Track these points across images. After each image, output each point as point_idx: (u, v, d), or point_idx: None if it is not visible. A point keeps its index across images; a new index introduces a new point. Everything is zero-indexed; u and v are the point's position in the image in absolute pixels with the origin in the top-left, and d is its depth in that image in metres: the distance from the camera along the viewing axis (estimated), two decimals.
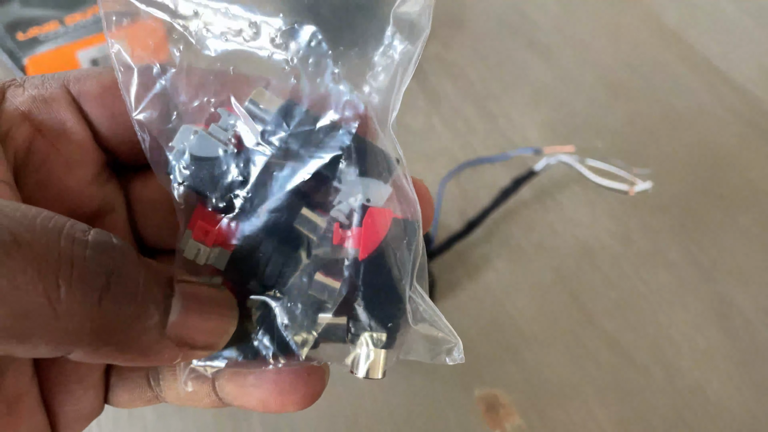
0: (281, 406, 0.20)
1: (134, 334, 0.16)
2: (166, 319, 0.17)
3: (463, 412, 0.39)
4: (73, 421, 0.21)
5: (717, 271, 0.45)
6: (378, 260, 0.18)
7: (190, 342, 0.17)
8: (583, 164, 0.46)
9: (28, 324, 0.15)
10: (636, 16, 0.64)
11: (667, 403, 0.39)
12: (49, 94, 0.19)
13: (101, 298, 0.15)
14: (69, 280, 0.15)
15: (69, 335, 0.15)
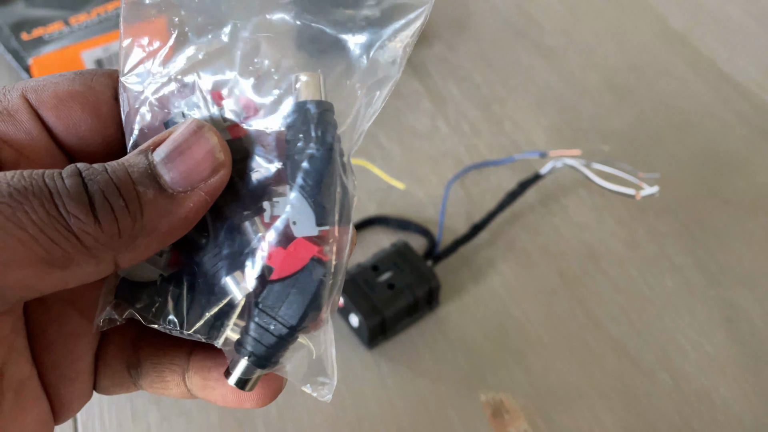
0: (239, 401, 0.21)
1: (149, 217, 0.17)
2: (161, 186, 0.18)
3: (468, 416, 0.39)
4: (68, 404, 0.21)
5: (724, 276, 0.45)
6: (284, 289, 0.19)
7: (197, 179, 0.18)
8: (589, 168, 0.46)
9: (63, 250, 0.16)
10: (642, 19, 0.64)
11: (673, 409, 0.39)
12: (11, 106, 0.20)
13: (94, 210, 0.17)
14: (64, 205, 0.17)
15: (100, 248, 0.17)
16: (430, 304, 0.42)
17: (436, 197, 0.49)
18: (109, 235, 0.17)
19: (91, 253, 0.17)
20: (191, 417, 0.38)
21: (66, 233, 0.17)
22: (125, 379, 0.22)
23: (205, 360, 0.21)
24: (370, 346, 0.41)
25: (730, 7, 0.65)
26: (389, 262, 0.42)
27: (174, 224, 0.18)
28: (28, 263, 0.16)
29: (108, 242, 0.17)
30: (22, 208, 0.16)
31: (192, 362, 0.21)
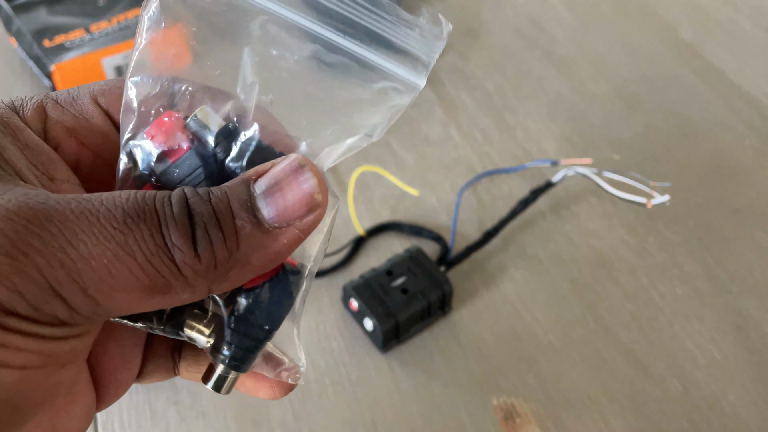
0: (254, 390, 0.22)
1: (243, 251, 0.18)
2: (259, 219, 0.18)
3: (480, 420, 0.39)
4: (113, 392, 0.22)
5: (733, 285, 0.46)
6: (255, 300, 0.20)
7: (293, 217, 0.18)
8: (600, 176, 0.46)
9: (164, 278, 0.17)
10: (652, 30, 0.65)
11: (683, 415, 0.40)
12: (86, 110, 0.20)
13: (195, 243, 0.17)
14: (170, 234, 0.17)
15: (197, 278, 0.17)
16: (443, 309, 0.43)
17: (448, 204, 0.50)
18: (206, 267, 0.17)
19: (188, 283, 0.18)
20: (208, 418, 0.39)
21: (169, 264, 0.17)
22: (168, 364, 0.23)
23: None
24: (384, 349, 0.42)
25: (740, 19, 0.66)
26: (403, 267, 0.43)
27: (267, 258, 0.18)
28: (133, 289, 0.17)
29: (204, 273, 0.18)
30: (134, 237, 0.17)
31: None
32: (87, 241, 0.16)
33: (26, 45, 0.56)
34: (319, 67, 0.20)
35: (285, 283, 0.20)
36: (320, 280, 0.45)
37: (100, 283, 0.16)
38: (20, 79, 0.59)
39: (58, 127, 0.20)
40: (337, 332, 0.43)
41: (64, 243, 0.16)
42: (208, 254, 0.17)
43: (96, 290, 0.16)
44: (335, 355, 0.42)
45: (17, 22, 0.56)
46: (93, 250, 0.16)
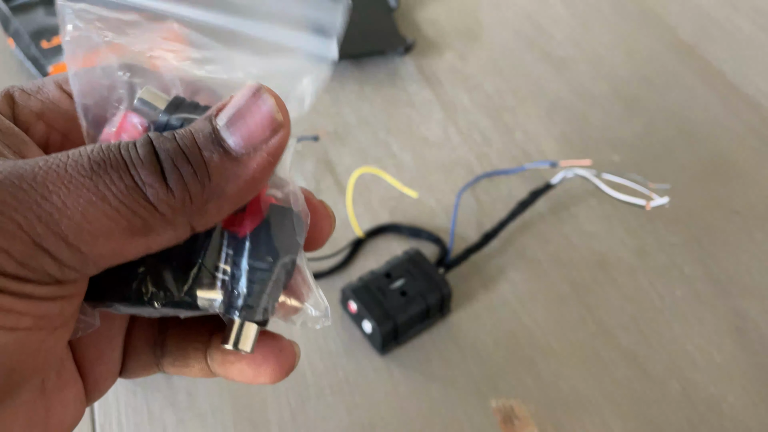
0: (255, 377, 0.22)
1: (217, 181, 0.18)
2: (226, 149, 0.18)
3: (479, 422, 0.39)
4: (99, 384, 0.22)
5: (733, 286, 0.46)
6: (255, 239, 0.20)
7: (258, 141, 0.19)
8: (599, 178, 0.46)
9: (143, 219, 0.17)
10: (652, 31, 0.65)
11: (682, 417, 0.40)
12: (52, 95, 0.21)
13: (165, 177, 0.18)
14: (139, 175, 0.18)
15: (175, 214, 0.18)
16: (442, 311, 0.43)
17: (447, 205, 0.50)
18: (181, 201, 0.18)
19: (167, 220, 0.18)
20: (206, 419, 0.39)
21: (143, 202, 0.17)
22: (150, 359, 0.23)
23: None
24: (382, 352, 0.41)
25: (739, 20, 0.66)
26: (402, 269, 0.43)
27: (241, 187, 0.19)
28: (113, 233, 0.17)
29: (181, 208, 0.18)
30: (103, 182, 0.17)
31: (213, 340, 0.22)
32: (59, 192, 0.17)
33: (24, 46, 0.56)
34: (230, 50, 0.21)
35: (276, 217, 0.20)
36: (319, 282, 0.45)
37: (80, 231, 0.17)
38: (17, 80, 0.58)
39: (26, 111, 0.21)
40: (335, 334, 0.43)
41: (38, 198, 0.17)
42: (180, 187, 0.18)
43: (77, 239, 0.17)
44: (333, 358, 0.42)
45: (15, 22, 0.56)
46: (66, 200, 0.17)
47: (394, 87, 0.59)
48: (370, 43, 0.60)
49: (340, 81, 0.59)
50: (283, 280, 0.21)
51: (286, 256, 0.20)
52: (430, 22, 0.65)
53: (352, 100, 0.57)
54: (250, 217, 0.20)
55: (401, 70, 0.60)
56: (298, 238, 0.21)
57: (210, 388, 0.40)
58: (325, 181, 0.51)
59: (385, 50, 0.59)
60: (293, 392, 0.40)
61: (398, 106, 0.57)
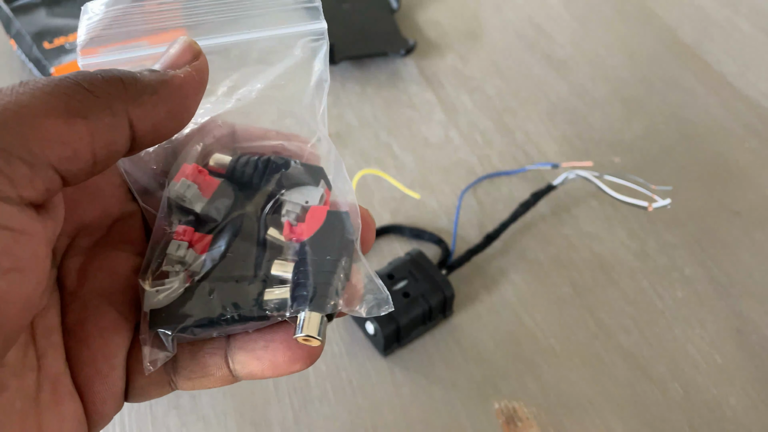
0: (289, 365, 0.22)
1: (139, 76, 0.20)
2: (152, 69, 0.21)
3: (482, 424, 0.39)
4: (101, 406, 0.22)
5: (734, 288, 0.46)
6: (316, 242, 0.22)
7: (179, 61, 0.22)
8: (601, 180, 0.46)
9: (74, 100, 0.19)
10: (652, 32, 0.65)
11: (684, 419, 0.40)
12: None
13: (101, 74, 0.20)
14: (84, 80, 0.20)
15: (110, 99, 0.20)
16: (444, 312, 0.43)
17: (449, 206, 0.50)
18: (115, 85, 0.20)
19: (102, 102, 0.19)
20: (209, 422, 0.39)
21: (80, 89, 0.19)
22: (161, 377, 0.23)
23: (247, 335, 0.22)
24: (385, 353, 0.42)
25: (739, 21, 0.66)
26: (404, 270, 0.43)
27: (173, 90, 0.21)
28: (52, 114, 0.18)
29: (115, 92, 0.20)
30: (47, 82, 0.19)
31: (233, 341, 0.22)
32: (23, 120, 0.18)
33: (26, 47, 0.56)
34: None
35: (333, 221, 0.23)
36: None
37: (20, 116, 0.18)
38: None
39: None
40: (337, 336, 0.43)
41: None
42: (114, 76, 0.20)
43: (18, 123, 0.18)
44: (336, 359, 0.42)
45: (17, 24, 0.56)
46: (10, 99, 0.18)
47: (396, 88, 0.59)
48: (371, 44, 0.60)
49: (342, 82, 0.59)
50: (345, 274, 0.22)
51: (345, 253, 0.22)
52: (431, 24, 0.65)
53: (354, 101, 0.58)
54: (309, 224, 0.23)
55: (402, 71, 0.60)
56: (353, 236, 0.23)
57: (213, 392, 0.40)
58: None
59: (387, 52, 0.59)
60: (296, 394, 0.40)
61: (399, 108, 0.57)
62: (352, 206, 0.23)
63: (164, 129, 0.21)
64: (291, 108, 0.24)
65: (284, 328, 0.22)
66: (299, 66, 0.24)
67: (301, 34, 0.24)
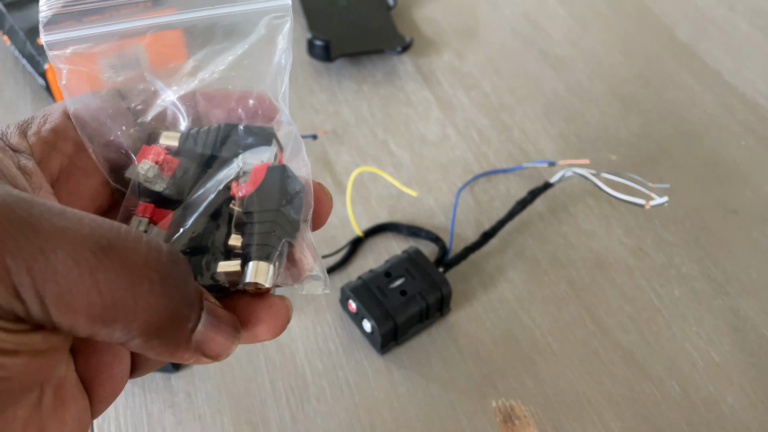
0: (254, 336, 0.23)
1: (176, 335, 0.20)
2: (195, 328, 0.20)
3: (479, 422, 0.39)
4: (109, 392, 0.22)
5: (731, 285, 0.46)
6: (258, 197, 0.23)
7: (204, 350, 0.21)
8: (598, 178, 0.46)
9: (114, 314, 0.18)
10: (648, 30, 0.65)
11: (681, 417, 0.40)
12: (60, 126, 0.23)
13: (170, 296, 0.19)
14: (150, 278, 0.18)
15: (139, 326, 0.18)
16: (441, 310, 0.43)
17: (446, 204, 0.50)
18: (159, 316, 0.19)
19: (130, 325, 0.18)
20: (205, 420, 0.39)
21: (129, 300, 0.18)
22: None
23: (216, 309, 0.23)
24: (382, 351, 0.41)
25: (736, 19, 0.66)
26: (401, 268, 0.43)
27: (165, 355, 0.20)
28: (81, 312, 0.18)
29: (148, 322, 0.19)
30: (107, 266, 0.18)
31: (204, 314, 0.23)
32: (59, 254, 0.17)
33: (19, 43, 0.55)
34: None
35: (272, 175, 0.23)
36: None
37: (58, 299, 0.17)
38: (13, 78, 0.58)
39: (41, 143, 0.23)
40: (334, 334, 0.43)
41: (37, 251, 0.17)
42: (172, 309, 0.19)
43: (52, 304, 0.17)
44: (333, 358, 0.42)
45: (10, 20, 0.56)
46: (62, 266, 0.17)
47: (393, 86, 0.58)
48: (368, 41, 0.60)
49: (338, 79, 0.59)
50: (289, 221, 0.23)
51: (285, 202, 0.23)
52: (428, 21, 0.65)
53: (350, 99, 0.57)
54: (252, 182, 0.23)
55: (399, 69, 0.60)
56: (298, 186, 0.23)
57: (209, 390, 0.40)
58: (323, 179, 0.51)
59: (383, 49, 0.59)
60: (293, 393, 0.40)
61: (396, 105, 0.57)
62: (306, 183, 0.24)
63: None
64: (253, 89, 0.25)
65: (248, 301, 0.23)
66: (262, 43, 0.24)
67: (266, 10, 0.24)
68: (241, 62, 0.24)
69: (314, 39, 0.58)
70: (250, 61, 0.24)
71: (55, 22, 0.23)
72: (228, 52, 0.24)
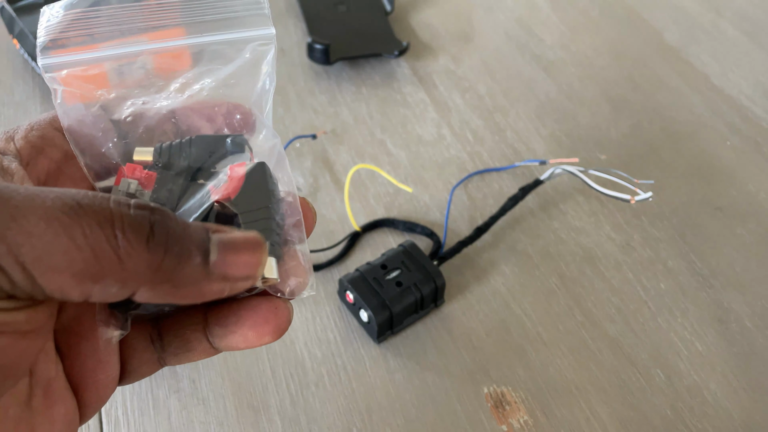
0: (258, 337, 0.23)
1: (184, 274, 0.20)
2: (207, 260, 0.20)
3: (471, 408, 0.41)
4: (94, 396, 0.23)
5: (715, 279, 0.47)
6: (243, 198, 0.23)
7: (231, 275, 0.21)
8: (586, 174, 0.48)
9: (100, 267, 0.18)
10: (638, 35, 0.67)
11: (666, 404, 0.41)
12: (49, 133, 0.24)
13: (148, 242, 0.19)
14: (122, 229, 0.18)
15: (132, 275, 0.19)
16: (436, 301, 0.45)
17: (441, 201, 0.51)
18: (149, 264, 0.19)
19: (122, 275, 0.19)
20: (209, 405, 0.40)
21: (110, 252, 0.18)
22: (151, 356, 0.24)
23: (221, 310, 0.24)
24: (378, 340, 0.43)
25: (723, 24, 0.68)
26: (397, 261, 0.44)
27: (191, 294, 0.20)
28: (65, 270, 0.18)
29: (143, 271, 0.19)
30: (80, 223, 0.18)
31: (209, 316, 0.24)
32: (30, 219, 0.18)
33: (29, 47, 0.57)
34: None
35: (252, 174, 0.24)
36: (317, 274, 0.47)
37: (38, 261, 0.17)
38: (23, 80, 0.60)
39: (28, 148, 0.23)
40: (333, 324, 0.44)
41: (8, 219, 0.17)
42: (157, 253, 0.19)
43: (33, 267, 0.18)
44: (331, 346, 0.43)
45: (20, 24, 0.57)
46: (34, 228, 0.17)
47: (390, 88, 0.60)
48: (366, 45, 0.62)
49: (338, 82, 0.61)
50: (280, 219, 0.23)
51: (272, 198, 0.23)
52: (424, 26, 0.67)
53: (349, 100, 0.59)
54: (231, 183, 0.23)
55: (396, 71, 0.62)
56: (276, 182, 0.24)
57: (212, 376, 0.42)
58: (323, 177, 0.53)
59: (381, 52, 0.61)
60: (293, 379, 0.42)
61: (393, 107, 0.59)
62: (293, 197, 0.24)
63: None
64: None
65: (253, 305, 0.23)
66: (248, 67, 0.25)
67: (251, 38, 0.25)
68: (228, 82, 0.25)
69: (314, 43, 0.60)
70: (236, 81, 0.25)
71: (51, 47, 0.24)
72: (215, 73, 0.25)
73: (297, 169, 0.53)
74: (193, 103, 0.25)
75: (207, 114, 0.25)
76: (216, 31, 0.25)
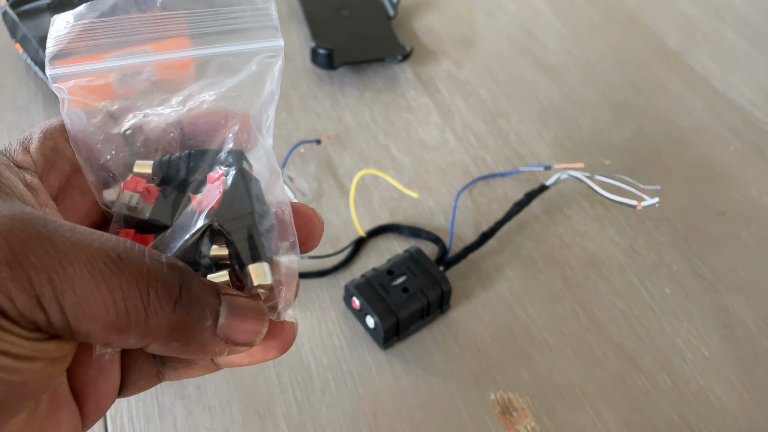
0: (264, 353, 0.24)
1: (195, 334, 0.21)
2: (216, 322, 0.21)
3: (478, 414, 0.41)
4: (95, 405, 0.23)
5: (719, 283, 0.48)
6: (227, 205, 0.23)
7: (234, 340, 0.22)
8: (592, 180, 0.48)
9: (128, 321, 0.19)
10: (640, 39, 0.67)
11: (671, 407, 0.41)
12: (60, 144, 0.24)
13: (176, 303, 0.20)
14: (156, 288, 0.20)
15: (152, 331, 0.20)
16: (442, 307, 0.45)
17: (445, 206, 0.51)
18: (169, 323, 0.20)
19: (143, 331, 0.20)
20: (215, 412, 0.40)
21: (141, 309, 0.20)
22: (151, 369, 0.25)
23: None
24: (385, 346, 0.43)
25: (724, 29, 0.68)
26: (403, 266, 0.44)
27: (196, 351, 0.21)
28: (98, 320, 0.19)
29: (162, 329, 0.20)
30: (119, 279, 0.19)
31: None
32: (77, 268, 0.19)
33: (31, 51, 0.57)
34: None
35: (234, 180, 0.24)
36: (322, 280, 0.47)
37: (76, 308, 0.19)
38: (25, 85, 0.60)
39: (42, 160, 0.24)
40: (338, 330, 0.44)
41: (57, 264, 0.19)
42: (182, 313, 0.20)
43: (71, 312, 0.19)
44: (337, 352, 0.43)
45: (23, 28, 0.57)
46: (79, 278, 0.19)
47: (393, 93, 0.60)
48: (369, 50, 0.62)
49: (341, 87, 0.61)
50: (264, 219, 0.23)
51: (259, 204, 0.23)
52: (427, 31, 0.67)
53: (353, 105, 0.59)
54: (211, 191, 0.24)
55: (400, 76, 0.62)
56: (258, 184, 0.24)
57: (218, 383, 0.42)
58: (327, 182, 0.53)
59: (384, 57, 0.61)
60: (299, 385, 0.42)
61: (397, 111, 0.59)
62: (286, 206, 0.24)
63: None
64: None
65: None
66: (252, 80, 0.25)
67: (259, 50, 0.25)
68: (229, 95, 0.25)
69: (318, 48, 0.60)
70: (238, 94, 0.25)
71: (59, 57, 0.24)
72: (218, 85, 0.25)
73: (301, 174, 0.53)
74: (194, 115, 0.25)
75: (208, 127, 0.25)
76: (223, 42, 0.25)
